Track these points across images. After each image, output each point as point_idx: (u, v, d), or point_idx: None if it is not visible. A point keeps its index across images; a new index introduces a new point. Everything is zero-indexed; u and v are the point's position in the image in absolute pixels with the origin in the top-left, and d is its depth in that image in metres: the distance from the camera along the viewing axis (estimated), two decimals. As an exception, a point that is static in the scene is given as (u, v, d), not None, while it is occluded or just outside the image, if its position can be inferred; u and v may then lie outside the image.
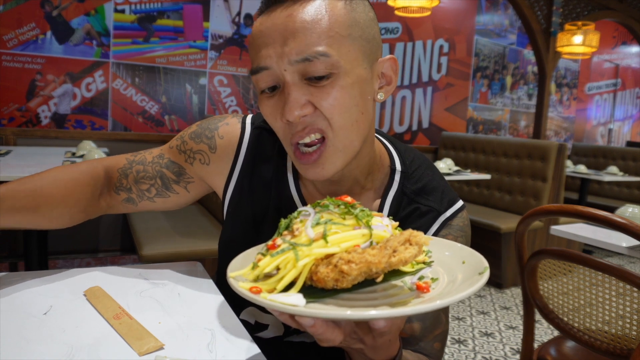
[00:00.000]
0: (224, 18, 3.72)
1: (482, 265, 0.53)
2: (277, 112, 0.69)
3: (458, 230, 0.83)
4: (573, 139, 6.61)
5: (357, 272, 0.47)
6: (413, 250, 0.50)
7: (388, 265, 0.48)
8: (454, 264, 0.58)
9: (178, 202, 0.92)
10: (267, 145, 0.86)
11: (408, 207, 0.82)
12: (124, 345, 0.62)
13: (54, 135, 3.14)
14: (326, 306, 0.49)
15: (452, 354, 2.47)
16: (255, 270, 0.51)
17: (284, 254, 0.50)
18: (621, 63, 7.05)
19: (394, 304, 0.50)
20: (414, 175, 0.84)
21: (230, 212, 0.87)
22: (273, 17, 0.67)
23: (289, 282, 0.50)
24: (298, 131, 0.68)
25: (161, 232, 2.48)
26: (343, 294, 0.52)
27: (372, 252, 0.48)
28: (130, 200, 0.90)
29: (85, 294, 0.76)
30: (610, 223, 1.13)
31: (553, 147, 3.56)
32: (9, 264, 3.03)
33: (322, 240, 0.50)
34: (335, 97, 0.66)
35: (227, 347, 0.64)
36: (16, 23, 3.00)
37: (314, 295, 0.50)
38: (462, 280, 0.53)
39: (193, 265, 0.94)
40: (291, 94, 0.66)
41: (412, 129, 4.85)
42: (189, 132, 0.89)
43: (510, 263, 3.57)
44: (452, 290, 0.51)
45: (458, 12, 5.01)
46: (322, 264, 0.49)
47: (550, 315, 1.38)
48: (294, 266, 0.49)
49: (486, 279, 0.50)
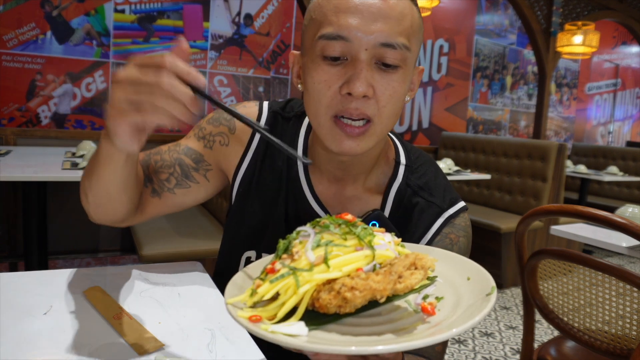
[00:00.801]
0: (224, 18, 3.72)
1: (489, 285, 0.51)
2: (336, 81, 0.69)
3: (460, 229, 0.83)
4: (573, 139, 6.61)
5: (361, 299, 0.46)
6: (419, 275, 0.48)
7: (393, 291, 0.47)
8: (459, 280, 0.56)
9: (198, 196, 0.89)
10: (281, 130, 0.88)
11: (410, 200, 0.83)
12: (124, 345, 0.62)
13: (54, 135, 3.14)
14: (329, 335, 0.47)
15: (452, 354, 2.47)
16: (254, 297, 0.49)
17: (284, 280, 0.48)
18: (621, 63, 7.05)
19: (399, 330, 0.48)
20: (418, 170, 0.86)
21: (240, 193, 0.87)
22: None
23: (290, 309, 0.48)
24: (349, 108, 0.69)
25: (161, 232, 2.48)
26: (346, 319, 0.50)
27: (377, 278, 0.47)
28: (154, 192, 0.86)
29: (85, 294, 0.76)
30: (610, 223, 1.13)
31: (553, 147, 3.56)
32: (9, 264, 3.03)
33: (323, 265, 0.48)
34: (394, 87, 0.70)
35: (227, 347, 0.64)
36: (16, 23, 3.00)
37: (316, 320, 0.48)
38: (469, 302, 0.50)
39: (193, 265, 0.94)
40: (362, 72, 0.67)
41: (412, 129, 4.85)
42: (205, 119, 0.90)
43: (510, 263, 3.56)
44: (461, 316, 0.48)
45: (458, 12, 5.01)
46: (324, 289, 0.47)
47: (550, 315, 1.38)
48: (294, 293, 0.47)
49: (494, 300, 0.48)
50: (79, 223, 3.21)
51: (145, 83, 0.53)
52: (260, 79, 3.91)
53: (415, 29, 0.72)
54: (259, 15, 3.83)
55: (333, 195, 0.84)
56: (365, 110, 0.69)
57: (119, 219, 0.81)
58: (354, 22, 0.66)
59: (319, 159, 0.83)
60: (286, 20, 3.95)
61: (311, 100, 0.72)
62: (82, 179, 0.76)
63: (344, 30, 0.67)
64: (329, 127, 0.71)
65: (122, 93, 0.54)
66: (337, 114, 0.70)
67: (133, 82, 0.54)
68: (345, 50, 0.68)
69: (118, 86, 0.55)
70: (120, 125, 0.57)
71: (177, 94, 0.53)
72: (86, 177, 0.74)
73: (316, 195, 0.83)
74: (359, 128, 0.70)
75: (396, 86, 0.70)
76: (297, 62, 0.80)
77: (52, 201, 3.05)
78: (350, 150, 0.71)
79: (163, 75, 0.53)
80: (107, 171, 0.68)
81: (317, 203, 0.83)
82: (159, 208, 0.87)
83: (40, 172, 2.03)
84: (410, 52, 0.70)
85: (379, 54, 0.68)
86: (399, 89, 0.70)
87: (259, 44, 3.86)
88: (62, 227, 3.15)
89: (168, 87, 0.53)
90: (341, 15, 0.67)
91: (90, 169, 0.72)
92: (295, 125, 0.88)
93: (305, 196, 0.84)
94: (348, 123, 0.70)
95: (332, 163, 0.81)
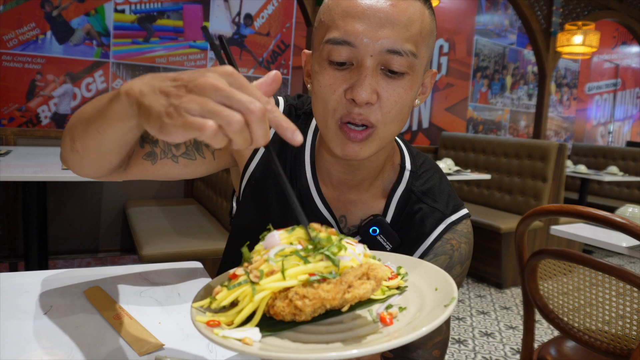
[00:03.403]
0: (224, 18, 3.72)
1: (449, 296, 0.51)
2: (341, 85, 0.69)
3: (462, 236, 0.83)
4: (573, 139, 6.61)
5: (310, 308, 0.46)
6: (369, 286, 0.48)
7: (343, 301, 0.47)
8: (427, 290, 0.55)
9: (198, 170, 0.85)
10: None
11: (414, 206, 0.83)
12: (124, 345, 0.62)
13: (54, 135, 3.14)
14: (281, 341, 0.47)
15: (452, 354, 2.47)
16: (213, 304, 0.50)
17: (241, 287, 0.49)
18: (621, 63, 7.05)
19: (349, 339, 0.48)
20: (423, 176, 0.86)
21: (250, 188, 0.86)
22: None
23: (246, 316, 0.49)
24: (353, 113, 0.68)
25: (161, 232, 2.48)
26: (303, 326, 0.50)
27: (327, 287, 0.47)
28: (151, 155, 0.79)
29: (85, 294, 0.76)
30: (610, 223, 1.13)
31: (553, 147, 3.56)
32: (9, 264, 3.03)
33: (280, 273, 0.48)
34: (400, 94, 0.69)
35: (227, 347, 0.64)
36: (16, 23, 3.00)
37: (273, 327, 0.49)
38: (428, 312, 0.50)
39: (193, 265, 0.94)
40: (367, 78, 0.66)
41: (412, 129, 4.85)
42: None
43: (510, 263, 3.56)
44: (414, 325, 0.48)
45: (458, 12, 5.01)
46: (279, 297, 0.48)
47: (550, 315, 1.38)
48: (250, 300, 0.48)
49: (450, 311, 0.47)
50: (79, 223, 3.21)
51: (239, 101, 0.44)
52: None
53: (425, 35, 0.70)
54: (259, 15, 3.83)
55: (337, 198, 0.84)
56: (368, 116, 0.69)
57: (99, 175, 0.75)
58: (360, 27, 0.66)
59: (325, 162, 0.83)
60: (286, 20, 3.94)
61: (318, 103, 0.72)
62: (74, 122, 0.68)
63: (350, 36, 0.66)
64: (335, 130, 0.71)
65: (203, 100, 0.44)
66: (342, 119, 0.70)
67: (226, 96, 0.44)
68: (351, 55, 0.67)
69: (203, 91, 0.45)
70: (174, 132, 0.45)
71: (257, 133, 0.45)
72: (81, 124, 0.65)
73: (323, 197, 0.83)
74: (361, 133, 0.70)
75: (402, 93, 0.69)
76: (308, 61, 0.79)
77: (52, 201, 3.05)
78: (354, 154, 0.71)
79: (259, 103, 0.45)
80: (112, 130, 0.60)
81: (323, 205, 0.83)
82: (147, 172, 0.81)
83: (40, 172, 2.03)
84: (417, 58, 0.69)
85: (384, 60, 0.67)
86: (405, 95, 0.70)
87: (259, 44, 3.86)
88: (62, 227, 3.15)
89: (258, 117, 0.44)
90: (348, 20, 0.67)
91: (89, 118, 0.63)
92: (304, 125, 0.88)
93: (312, 197, 0.83)
94: (352, 128, 0.70)
95: (338, 166, 0.81)
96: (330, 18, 0.69)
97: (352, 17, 0.67)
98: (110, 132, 0.61)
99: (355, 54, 0.67)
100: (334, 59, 0.68)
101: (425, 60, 0.73)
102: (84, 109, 0.67)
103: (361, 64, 0.67)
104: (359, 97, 0.66)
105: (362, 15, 0.66)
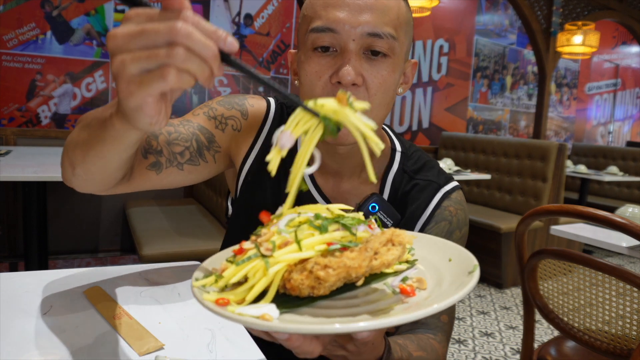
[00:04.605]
0: (224, 18, 3.71)
1: (471, 264, 0.49)
2: (326, 71, 0.72)
3: (457, 203, 0.87)
4: (573, 139, 6.61)
5: (335, 278, 0.43)
6: (396, 252, 0.46)
7: (369, 269, 0.44)
8: (440, 262, 0.53)
9: (201, 175, 0.86)
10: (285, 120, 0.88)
11: (408, 184, 0.87)
12: (124, 345, 0.62)
13: (54, 135, 3.14)
14: (301, 317, 0.43)
15: (452, 354, 2.47)
16: (220, 282, 0.46)
17: (252, 262, 0.45)
18: (621, 63, 7.05)
19: (376, 312, 0.45)
20: (413, 156, 0.91)
21: (248, 183, 0.88)
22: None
23: (259, 292, 0.44)
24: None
25: (161, 232, 2.48)
26: (320, 302, 0.47)
27: (351, 255, 0.44)
28: (156, 165, 0.79)
29: (85, 294, 0.76)
30: (610, 223, 1.13)
31: (553, 147, 3.56)
32: (9, 264, 3.03)
33: (294, 244, 0.44)
34: (384, 76, 0.73)
35: (227, 347, 0.64)
36: (16, 23, 3.00)
37: (288, 304, 0.45)
38: (451, 281, 0.48)
39: (193, 265, 0.94)
40: (351, 61, 0.70)
41: (412, 129, 4.85)
42: (215, 100, 0.90)
43: (510, 263, 3.56)
44: (441, 293, 0.46)
45: (458, 12, 5.01)
46: (295, 270, 0.44)
47: (550, 315, 1.38)
48: (264, 274, 0.44)
49: (477, 278, 0.46)
50: (79, 223, 3.21)
51: (159, 32, 0.40)
52: (260, 79, 3.90)
53: (402, 21, 0.75)
54: (259, 15, 3.83)
55: (333, 189, 0.86)
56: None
57: (102, 190, 0.74)
58: (342, 15, 0.71)
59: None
60: (286, 20, 3.94)
61: (305, 92, 0.75)
62: (70, 149, 0.67)
63: (332, 23, 0.71)
64: None
65: (131, 56, 0.41)
66: None
67: (141, 35, 0.40)
68: (334, 41, 0.72)
69: (122, 48, 0.41)
70: (145, 99, 0.43)
71: (202, 51, 0.40)
72: (79, 149, 0.64)
73: (319, 188, 0.85)
74: None
75: (385, 75, 0.73)
76: (294, 60, 0.83)
77: (52, 201, 3.05)
78: (344, 140, 0.73)
79: (180, 22, 0.40)
80: (112, 151, 0.60)
81: (320, 196, 0.85)
82: (152, 182, 0.80)
83: (40, 172, 2.03)
84: (397, 41, 0.73)
85: (366, 43, 0.71)
86: (389, 77, 0.73)
87: (259, 44, 3.86)
88: (62, 227, 3.15)
89: (192, 37, 0.40)
90: (330, 9, 0.72)
91: (87, 143, 0.62)
92: None
93: (309, 190, 0.85)
94: None
95: (330, 156, 0.83)
96: (312, 11, 0.74)
97: (333, 7, 0.72)
98: (112, 154, 0.61)
99: (338, 40, 0.71)
100: (318, 44, 0.72)
101: (405, 47, 0.77)
102: (77, 135, 0.66)
103: (344, 49, 0.71)
104: (345, 78, 0.69)
105: (342, 5, 0.71)
